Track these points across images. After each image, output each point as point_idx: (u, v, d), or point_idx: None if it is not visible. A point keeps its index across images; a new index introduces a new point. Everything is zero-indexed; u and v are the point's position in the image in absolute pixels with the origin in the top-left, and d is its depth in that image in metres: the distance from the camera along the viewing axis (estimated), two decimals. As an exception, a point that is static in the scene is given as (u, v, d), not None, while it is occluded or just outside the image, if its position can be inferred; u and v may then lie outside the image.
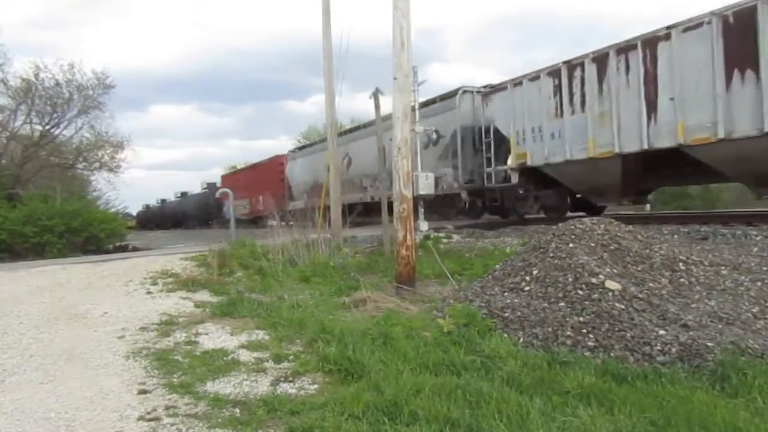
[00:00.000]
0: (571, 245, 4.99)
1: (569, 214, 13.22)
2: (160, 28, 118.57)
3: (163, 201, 54.37)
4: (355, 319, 4.98)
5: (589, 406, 2.92)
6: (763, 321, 4.11)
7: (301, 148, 28.49)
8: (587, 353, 3.78)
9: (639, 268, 4.78)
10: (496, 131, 14.12)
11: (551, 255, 4.96)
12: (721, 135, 9.02)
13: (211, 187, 37.60)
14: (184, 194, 45.16)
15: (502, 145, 14.00)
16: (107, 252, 16.27)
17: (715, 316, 4.12)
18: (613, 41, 10.96)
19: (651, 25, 11.29)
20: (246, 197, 29.40)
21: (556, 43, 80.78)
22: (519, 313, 4.38)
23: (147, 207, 59.27)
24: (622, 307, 4.08)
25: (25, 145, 22.45)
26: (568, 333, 4.00)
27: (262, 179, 28.72)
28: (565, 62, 12.04)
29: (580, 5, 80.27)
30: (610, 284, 4.34)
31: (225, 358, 4.15)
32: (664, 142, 10.02)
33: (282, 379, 3.67)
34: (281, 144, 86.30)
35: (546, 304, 4.38)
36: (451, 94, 15.74)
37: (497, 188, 14.46)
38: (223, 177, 39.63)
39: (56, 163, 23.93)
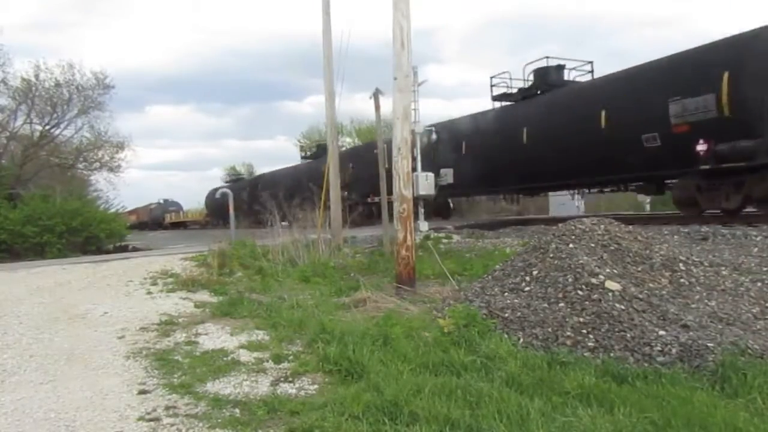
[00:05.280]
0: (571, 246, 4.99)
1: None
2: (158, 29, 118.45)
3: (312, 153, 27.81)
4: (355, 319, 4.98)
5: (589, 406, 2.92)
6: (763, 321, 4.11)
7: None
8: (587, 353, 3.78)
9: (639, 269, 4.78)
10: None
11: (551, 255, 4.95)
12: None
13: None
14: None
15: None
16: (107, 252, 16.29)
17: (715, 316, 4.12)
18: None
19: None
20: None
21: (553, 44, 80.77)
22: (519, 313, 4.38)
23: (237, 179, 35.40)
24: (622, 307, 4.08)
25: (25, 145, 22.41)
26: (568, 333, 4.00)
27: None
28: None
29: (575, 5, 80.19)
30: (610, 284, 4.34)
31: (225, 359, 4.15)
32: None
33: (282, 379, 3.67)
34: (280, 144, 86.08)
35: (546, 305, 4.38)
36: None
37: None
38: None
39: (56, 163, 23.89)
